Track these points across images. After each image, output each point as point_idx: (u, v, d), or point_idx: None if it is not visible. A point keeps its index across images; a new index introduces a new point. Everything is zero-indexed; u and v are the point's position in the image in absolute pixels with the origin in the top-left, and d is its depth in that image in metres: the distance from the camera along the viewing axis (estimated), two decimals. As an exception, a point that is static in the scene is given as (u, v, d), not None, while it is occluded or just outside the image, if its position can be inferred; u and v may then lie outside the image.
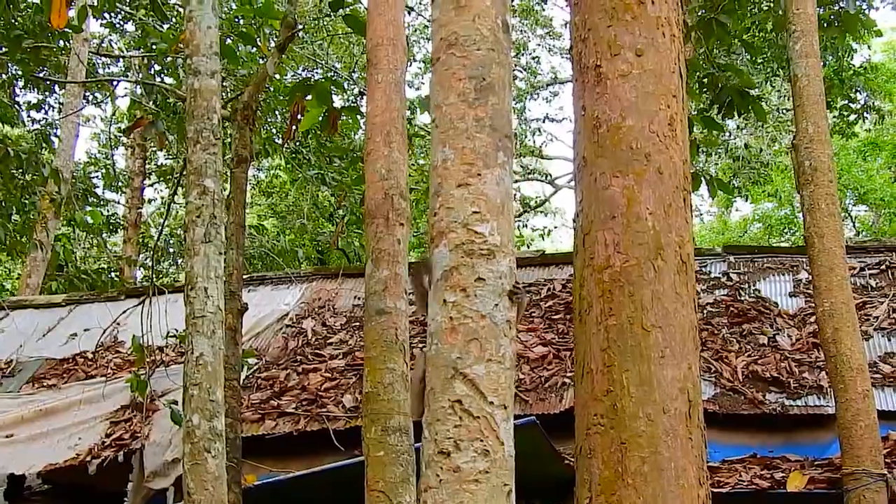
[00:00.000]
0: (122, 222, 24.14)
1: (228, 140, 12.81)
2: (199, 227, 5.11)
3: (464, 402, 2.73)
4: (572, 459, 4.72)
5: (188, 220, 5.27)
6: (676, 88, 4.52)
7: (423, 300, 2.97)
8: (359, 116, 11.20)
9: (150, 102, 15.35)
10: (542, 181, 28.38)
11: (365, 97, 7.65)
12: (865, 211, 29.87)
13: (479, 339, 2.78)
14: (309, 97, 9.67)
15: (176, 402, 9.57)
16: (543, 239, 26.98)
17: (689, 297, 4.38)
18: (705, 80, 11.02)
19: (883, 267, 11.11)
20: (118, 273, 22.77)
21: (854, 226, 28.59)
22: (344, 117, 12.67)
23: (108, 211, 24.13)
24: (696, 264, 4.65)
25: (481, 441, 2.71)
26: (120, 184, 24.47)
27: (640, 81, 4.44)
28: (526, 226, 27.55)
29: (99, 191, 23.48)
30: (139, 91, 18.96)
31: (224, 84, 13.00)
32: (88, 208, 20.90)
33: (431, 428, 2.77)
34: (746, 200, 25.86)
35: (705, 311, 10.42)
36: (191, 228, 5.16)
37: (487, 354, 2.77)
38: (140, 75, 18.56)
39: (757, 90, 12.48)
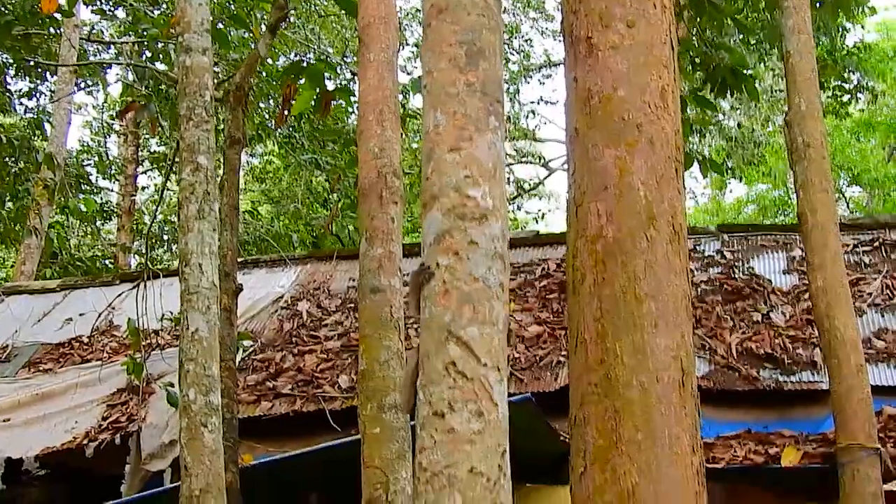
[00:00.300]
0: (115, 210, 24.15)
1: (221, 126, 12.83)
2: (193, 203, 5.13)
3: (457, 364, 2.74)
4: (567, 436, 4.74)
5: (182, 197, 5.29)
6: (668, 59, 4.53)
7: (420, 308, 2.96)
8: (352, 99, 11.21)
9: (143, 88, 15.35)
10: (536, 164, 28.41)
11: (357, 79, 7.66)
12: (859, 192, 29.91)
13: (472, 302, 2.79)
14: (301, 80, 9.69)
15: (172, 385, 9.60)
16: (537, 222, 27.01)
17: (682, 267, 4.40)
18: (698, 59, 11.04)
19: (876, 244, 11.15)
20: (112, 260, 22.79)
21: (848, 206, 28.63)
22: (338, 101, 12.71)
23: (101, 199, 24.15)
24: (689, 243, 4.68)
25: (475, 402, 2.72)
26: (113, 171, 24.47)
27: (631, 52, 4.46)
28: (520, 209, 27.62)
29: (92, 178, 23.47)
30: (131, 77, 18.95)
31: (216, 69, 13.00)
32: (82, 196, 20.92)
33: (426, 390, 2.79)
34: (740, 181, 25.91)
35: (699, 289, 10.46)
36: (184, 205, 5.18)
37: (480, 317, 2.79)
38: (131, 62, 18.54)
39: (750, 70, 12.48)
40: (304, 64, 9.73)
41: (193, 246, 4.97)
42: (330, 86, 10.09)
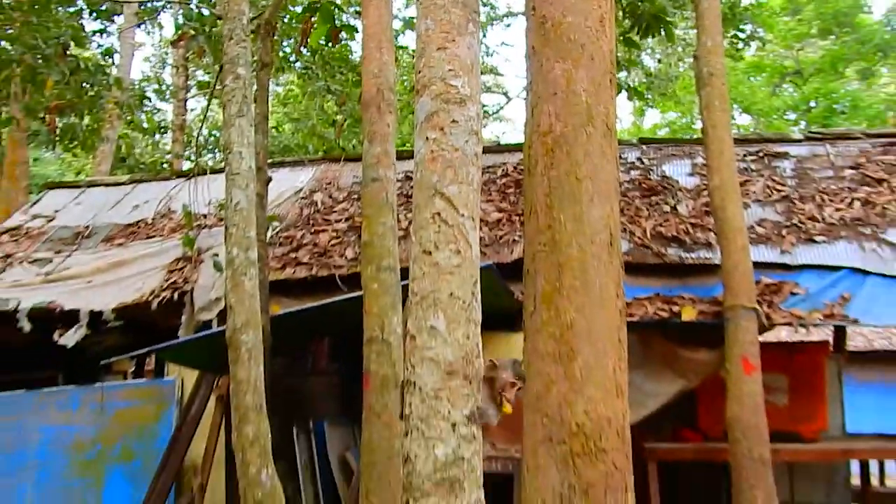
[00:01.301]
0: (170, 126, 23.91)
1: (254, 58, 12.61)
2: (234, 105, 5.08)
3: (441, 214, 2.77)
4: (521, 293, 4.78)
5: (225, 100, 5.25)
6: (606, -7, 4.49)
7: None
8: (355, 34, 11.04)
9: (192, 25, 15.06)
10: (498, 93, 28.18)
11: (360, 16, 7.53)
12: (749, 120, 29.83)
13: (454, 167, 2.80)
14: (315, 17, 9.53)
15: (217, 255, 9.61)
16: (498, 139, 26.87)
17: (613, 156, 4.41)
18: (627, 7, 10.88)
19: (761, 154, 11.17)
20: (169, 164, 22.65)
21: (739, 131, 28.55)
22: (343, 40, 12.46)
23: (159, 118, 23.93)
24: (617, 149, 4.66)
25: (455, 243, 2.75)
26: (168, 96, 24.17)
27: (577, -13, 4.41)
28: (485, 128, 27.46)
29: (152, 101, 23.16)
30: (181, 20, 18.56)
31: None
32: (144, 115, 20.66)
33: (417, 234, 2.81)
34: (653, 108, 25.75)
35: (623, 187, 10.46)
36: (228, 106, 5.13)
37: (460, 178, 2.80)
38: (181, 10, 18.13)
39: (670, 18, 12.33)
40: (318, 4, 9.55)
41: (235, 137, 4.94)
42: (337, 23, 9.94)
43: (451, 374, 2.59)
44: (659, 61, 22.62)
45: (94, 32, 19.69)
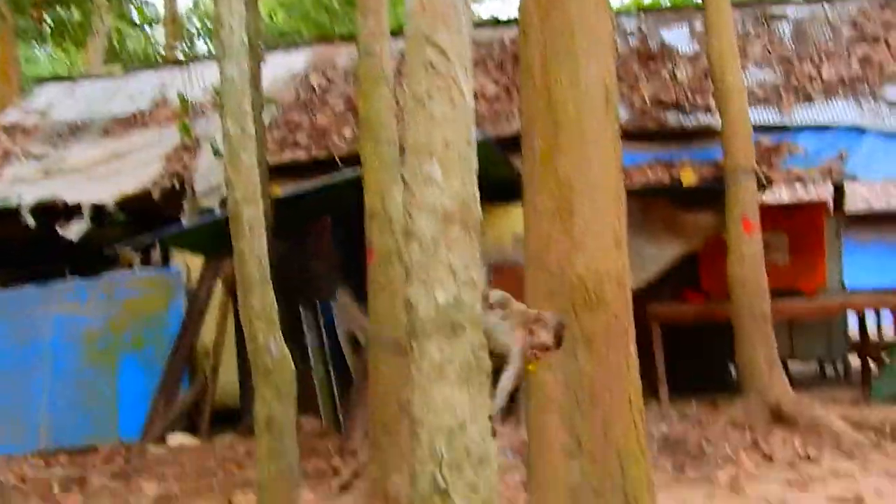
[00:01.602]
0: (161, 19, 23.45)
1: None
2: (222, -23, 4.96)
3: (433, 62, 2.72)
4: (518, 166, 4.76)
5: (212, -27, 5.12)
6: None
7: None
8: None
9: None
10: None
11: None
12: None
13: (444, 16, 2.74)
14: None
15: (215, 140, 9.56)
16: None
17: (607, 13, 4.33)
18: None
19: (759, 17, 10.96)
20: (163, 58, 22.33)
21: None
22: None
23: (150, 12, 23.47)
24: (611, 5, 4.55)
25: (448, 92, 2.71)
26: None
27: None
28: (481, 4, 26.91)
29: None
30: None
31: None
32: (132, 7, 20.31)
33: (408, 85, 2.78)
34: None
35: (621, 55, 10.28)
36: (215, -21, 5.01)
37: (450, 27, 2.74)
38: None
39: None
40: None
41: (225, 11, 4.85)
42: None
43: (449, 221, 2.59)
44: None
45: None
